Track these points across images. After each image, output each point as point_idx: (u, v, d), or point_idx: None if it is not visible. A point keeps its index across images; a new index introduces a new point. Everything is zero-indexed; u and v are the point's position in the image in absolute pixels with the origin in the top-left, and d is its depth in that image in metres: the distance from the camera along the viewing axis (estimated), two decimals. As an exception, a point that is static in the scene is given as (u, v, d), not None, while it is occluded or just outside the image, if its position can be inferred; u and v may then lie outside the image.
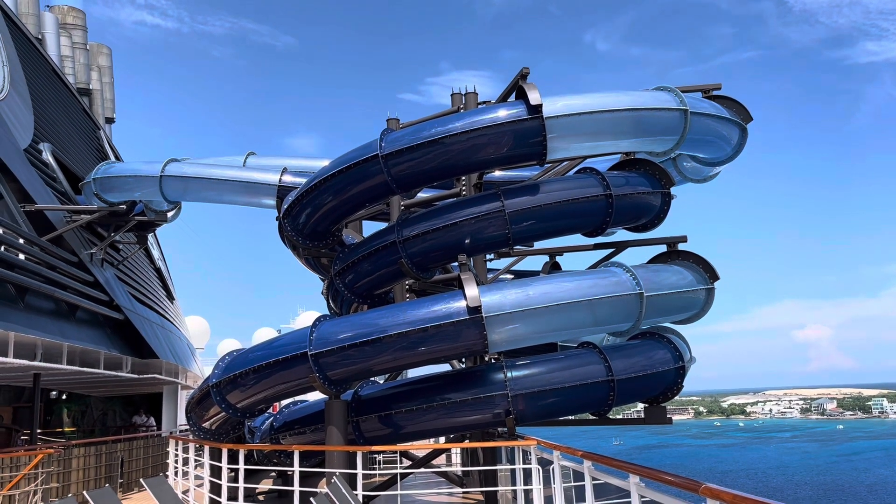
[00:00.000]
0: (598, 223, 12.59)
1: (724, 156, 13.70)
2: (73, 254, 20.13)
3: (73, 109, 29.86)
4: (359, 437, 12.19)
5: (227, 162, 19.34)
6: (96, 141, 32.09)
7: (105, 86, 42.40)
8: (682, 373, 12.52)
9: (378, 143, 11.89)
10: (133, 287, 25.00)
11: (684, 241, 13.50)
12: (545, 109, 11.28)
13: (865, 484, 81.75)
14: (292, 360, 11.56)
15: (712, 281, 13.04)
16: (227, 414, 12.87)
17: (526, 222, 12.13)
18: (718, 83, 13.98)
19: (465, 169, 12.58)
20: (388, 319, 11.45)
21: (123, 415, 32.81)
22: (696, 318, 13.26)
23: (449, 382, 12.41)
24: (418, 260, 12.51)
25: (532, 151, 11.70)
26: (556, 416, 12.59)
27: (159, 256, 35.25)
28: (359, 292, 13.55)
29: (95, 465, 16.29)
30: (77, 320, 19.07)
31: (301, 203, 13.13)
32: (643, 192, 12.86)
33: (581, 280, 11.79)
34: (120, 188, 19.21)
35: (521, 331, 11.32)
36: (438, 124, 11.82)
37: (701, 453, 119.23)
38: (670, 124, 12.11)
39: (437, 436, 15.99)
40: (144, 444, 19.48)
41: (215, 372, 12.83)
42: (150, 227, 23.06)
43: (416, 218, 12.64)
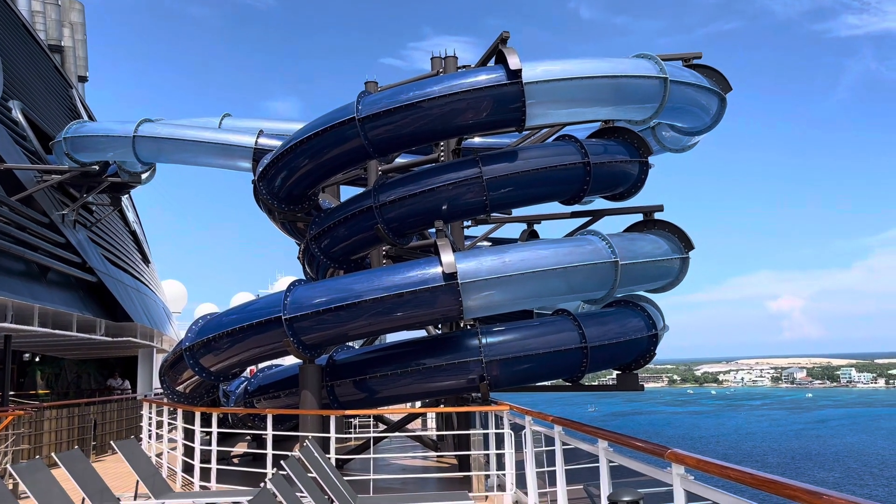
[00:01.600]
0: (575, 191, 12.57)
1: (702, 125, 13.69)
2: (45, 214, 19.78)
3: (45, 67, 29.08)
4: (333, 401, 12.21)
5: (202, 123, 18.99)
6: (68, 100, 31.35)
7: (77, 43, 41.32)
8: (654, 341, 12.65)
9: (355, 105, 11.71)
10: (107, 249, 24.67)
11: (660, 210, 13.55)
12: (525, 75, 11.15)
13: (832, 450, 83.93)
14: (266, 324, 11.50)
15: (687, 250, 13.12)
16: (200, 377, 12.82)
17: (503, 189, 12.06)
18: (699, 52, 13.89)
19: (444, 134, 12.46)
20: (363, 285, 11.40)
21: (98, 378, 32.67)
22: (670, 287, 13.36)
23: (424, 348, 12.43)
24: (395, 226, 12.43)
25: (511, 117, 11.59)
26: (530, 382, 12.70)
27: (134, 219, 34.78)
28: (335, 257, 13.46)
29: (68, 427, 16.21)
30: (48, 282, 18.81)
31: (276, 166, 12.95)
32: (621, 161, 12.84)
33: (557, 248, 11.79)
34: (92, 148, 18.80)
35: (496, 297, 11.33)
36: (416, 88, 11.65)
37: (674, 420, 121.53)
38: (650, 92, 12.04)
39: (412, 401, 16.08)
40: (118, 408, 19.40)
41: (188, 335, 12.74)
42: (123, 189, 22.64)
43: (393, 183, 12.52)
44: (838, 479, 65.07)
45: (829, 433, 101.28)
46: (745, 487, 4.03)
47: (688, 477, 4.65)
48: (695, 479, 4.62)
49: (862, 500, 3.05)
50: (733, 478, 3.96)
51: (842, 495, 3.17)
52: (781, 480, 3.51)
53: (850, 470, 70.26)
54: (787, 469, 69.67)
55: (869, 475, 67.04)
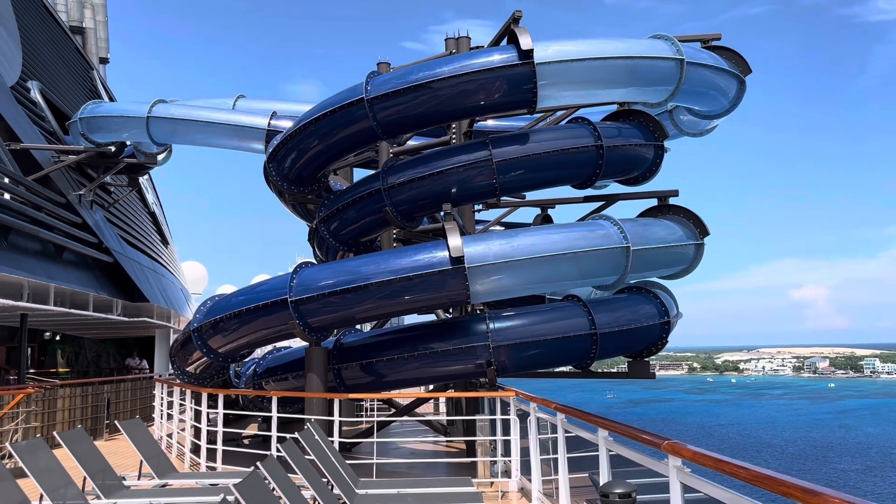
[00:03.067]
0: (587, 175, 12.33)
1: (720, 109, 13.35)
2: (61, 195, 19.88)
3: (65, 48, 29.20)
4: (340, 384, 12.16)
5: (215, 104, 18.93)
6: (89, 81, 31.48)
7: (99, 24, 41.46)
8: (667, 328, 12.42)
9: (364, 86, 11.54)
10: (124, 230, 24.81)
11: (675, 196, 13.27)
12: (536, 55, 10.90)
13: (854, 441, 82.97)
14: (272, 305, 11.44)
15: (702, 237, 12.85)
16: (208, 359, 12.82)
17: (513, 172, 11.87)
18: (718, 33, 13.54)
19: (453, 115, 12.27)
20: (370, 267, 11.28)
21: (117, 357, 33.05)
22: (684, 274, 13.10)
23: (432, 332, 12.32)
24: (404, 208, 12.29)
25: (522, 98, 11.36)
26: (538, 368, 12.56)
27: (154, 200, 34.97)
28: (343, 240, 13.36)
29: (81, 405, 16.35)
30: (64, 262, 18.93)
31: (286, 147, 12.84)
32: (635, 144, 12.57)
33: (567, 232, 11.59)
34: (107, 128, 18.84)
35: (504, 282, 11.16)
36: (426, 68, 11.45)
37: (692, 408, 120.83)
38: (665, 74, 11.73)
39: (419, 385, 16.00)
40: (132, 387, 19.57)
41: (197, 316, 12.74)
42: (140, 170, 22.73)
43: (402, 165, 12.36)
44: (859, 470, 64.34)
45: (852, 423, 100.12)
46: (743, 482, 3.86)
47: (684, 469, 4.49)
48: (692, 472, 4.46)
49: (859, 500, 2.86)
50: (728, 472, 3.79)
51: (839, 494, 2.99)
52: (777, 476, 3.33)
53: (872, 461, 69.42)
54: (807, 459, 69.03)
55: (891, 466, 66.20)
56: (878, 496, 53.02)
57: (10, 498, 6.52)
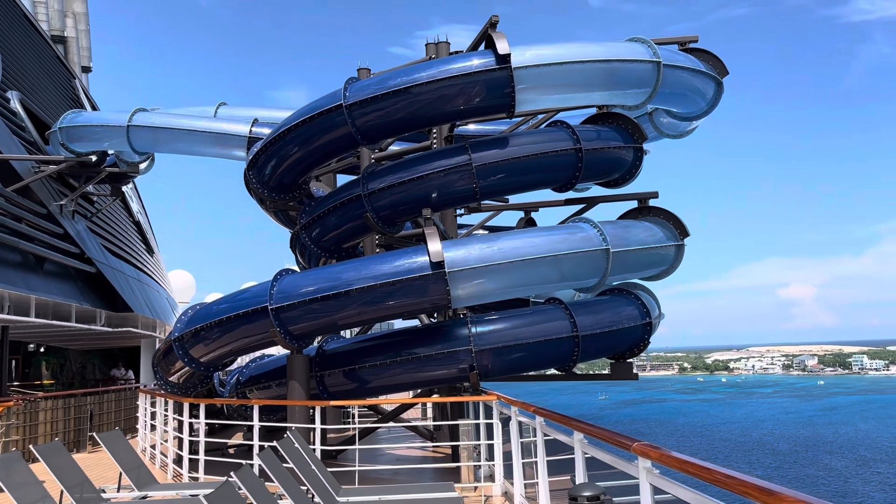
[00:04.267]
0: (567, 178, 12.36)
1: (698, 110, 13.43)
2: (42, 205, 19.76)
3: (47, 57, 29.02)
4: (323, 391, 12.12)
5: (197, 112, 18.88)
6: (71, 91, 31.30)
7: (81, 33, 41.25)
8: (648, 329, 12.46)
9: (342, 92, 11.54)
10: (107, 240, 24.67)
11: (655, 197, 13.32)
12: (514, 59, 10.94)
13: (844, 438, 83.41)
14: (253, 314, 11.39)
15: (682, 237, 12.90)
16: (190, 368, 12.74)
17: (493, 176, 11.88)
18: (695, 36, 13.63)
19: (433, 120, 12.27)
20: (351, 274, 11.26)
21: (103, 368, 32.79)
22: (665, 275, 13.16)
23: (415, 337, 12.30)
24: (385, 214, 12.28)
25: (500, 103, 11.39)
26: (521, 371, 12.56)
27: (139, 209, 34.79)
28: (325, 246, 13.33)
29: (64, 418, 16.21)
30: (46, 273, 18.80)
31: (265, 154, 12.81)
32: (615, 147, 12.61)
33: (547, 235, 11.61)
34: (87, 138, 18.76)
35: (485, 286, 11.17)
36: (404, 74, 11.47)
37: (683, 408, 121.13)
38: (643, 77, 11.79)
39: (403, 391, 15.98)
40: (116, 398, 19.41)
41: (177, 325, 12.66)
42: (123, 179, 22.61)
43: (383, 171, 12.36)
44: (848, 466, 64.68)
45: (841, 420, 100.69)
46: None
47: (654, 471, 4.50)
48: (660, 474, 4.47)
49: (815, 500, 2.88)
50: (692, 473, 3.81)
51: (795, 493, 3.01)
52: (736, 476, 3.35)
53: (862, 457, 69.80)
54: (798, 457, 69.32)
55: (881, 462, 66.59)
56: (867, 493, 53.31)
57: (-17, 513, 6.45)
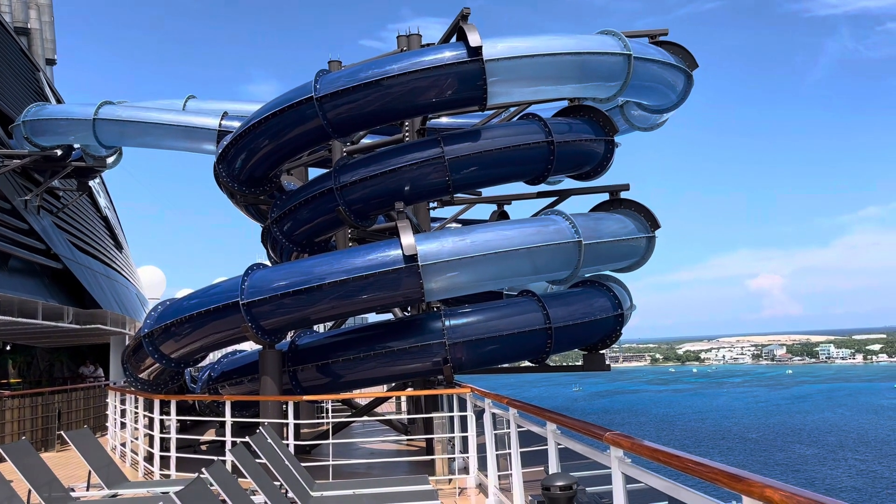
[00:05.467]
0: (539, 170, 12.40)
1: (668, 103, 13.56)
2: (6, 200, 19.31)
3: (9, 50, 28.31)
4: (295, 386, 12.04)
5: (165, 105, 18.57)
6: (35, 83, 30.60)
7: (45, 25, 40.37)
8: (620, 321, 12.57)
9: (313, 84, 11.44)
10: (74, 235, 24.18)
11: (626, 190, 13.44)
12: (485, 52, 10.91)
13: (812, 426, 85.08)
14: (223, 309, 11.26)
15: (653, 229, 13.03)
16: (160, 365, 12.57)
17: (466, 169, 11.87)
18: (665, 29, 13.72)
19: (404, 113, 12.23)
20: (324, 268, 11.18)
21: (71, 366, 32.27)
22: (636, 266, 13.28)
23: (388, 331, 12.26)
24: (357, 207, 12.21)
25: (472, 95, 11.37)
26: (495, 363, 12.60)
27: (107, 204, 34.16)
28: (297, 241, 13.23)
29: (31, 416, 15.92)
30: (10, 269, 18.40)
31: (235, 147, 12.66)
32: (586, 140, 12.68)
33: (520, 228, 11.64)
34: (52, 132, 18.35)
35: (458, 279, 11.16)
36: (375, 66, 11.39)
37: (656, 399, 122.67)
38: (613, 69, 11.86)
39: (377, 384, 15.90)
40: (85, 396, 19.11)
41: (147, 321, 12.48)
42: (89, 174, 22.16)
43: (355, 164, 12.28)
44: (817, 453, 66.01)
45: (809, 409, 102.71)
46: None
47: (625, 460, 4.54)
48: (633, 463, 4.51)
49: (777, 483, 2.92)
50: (663, 461, 3.84)
51: (765, 480, 3.04)
52: (704, 463, 3.39)
53: (829, 445, 71.27)
54: (767, 445, 70.55)
55: (848, 450, 68.04)
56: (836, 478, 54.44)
57: (-53, 514, 6.31)
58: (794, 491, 2.74)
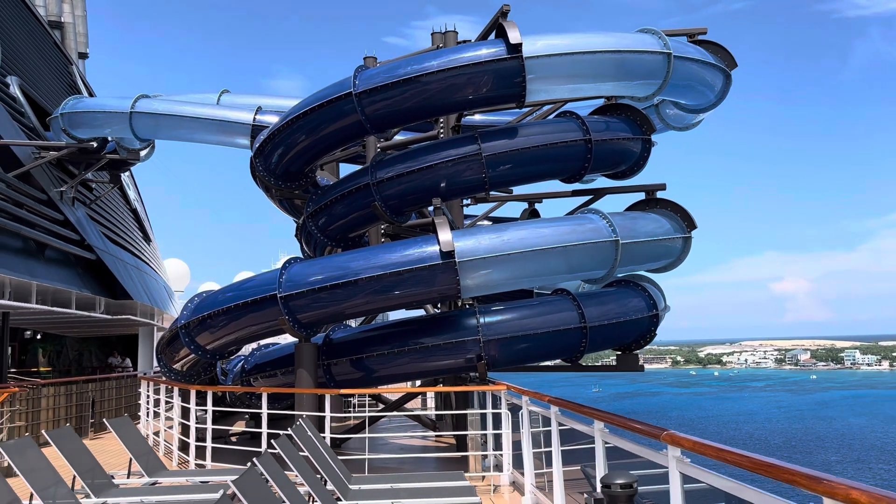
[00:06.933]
0: (576, 169, 12.34)
1: (706, 102, 13.42)
2: (43, 191, 19.64)
3: (44, 43, 28.79)
4: (329, 380, 12.11)
5: (199, 99, 18.75)
6: (68, 76, 31.07)
7: (78, 19, 40.88)
8: (655, 321, 12.48)
9: (352, 80, 11.47)
10: (106, 227, 24.54)
11: (663, 189, 13.32)
12: (525, 49, 10.89)
13: (836, 433, 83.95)
14: (261, 301, 11.36)
15: (689, 230, 12.91)
16: (196, 356, 12.71)
17: (503, 166, 11.85)
18: (704, 28, 13.59)
19: (442, 109, 12.22)
20: (360, 263, 11.23)
21: (99, 356, 32.71)
22: (672, 267, 13.17)
23: (421, 327, 12.29)
24: (393, 203, 12.23)
25: (511, 93, 11.35)
26: (528, 361, 12.57)
27: (136, 197, 34.61)
28: (332, 235, 13.29)
29: (66, 405, 16.16)
30: (47, 259, 18.70)
31: (273, 142, 12.75)
32: (623, 138, 12.60)
33: (557, 226, 11.60)
34: (89, 124, 18.61)
35: (494, 276, 11.16)
36: (414, 62, 11.40)
37: (677, 401, 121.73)
38: (653, 68, 11.77)
39: (409, 380, 16.00)
40: (117, 385, 19.36)
41: (184, 313, 12.63)
42: (123, 166, 22.47)
43: (391, 160, 12.31)
44: (841, 460, 65.14)
45: (833, 415, 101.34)
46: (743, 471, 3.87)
47: (684, 460, 4.50)
48: (691, 462, 4.47)
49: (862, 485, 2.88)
50: (730, 461, 3.80)
51: (842, 480, 3.00)
52: (780, 464, 3.35)
53: (853, 452, 70.31)
54: (790, 451, 69.75)
55: (872, 458, 67.09)
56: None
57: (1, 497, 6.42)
58: (882, 493, 2.70)
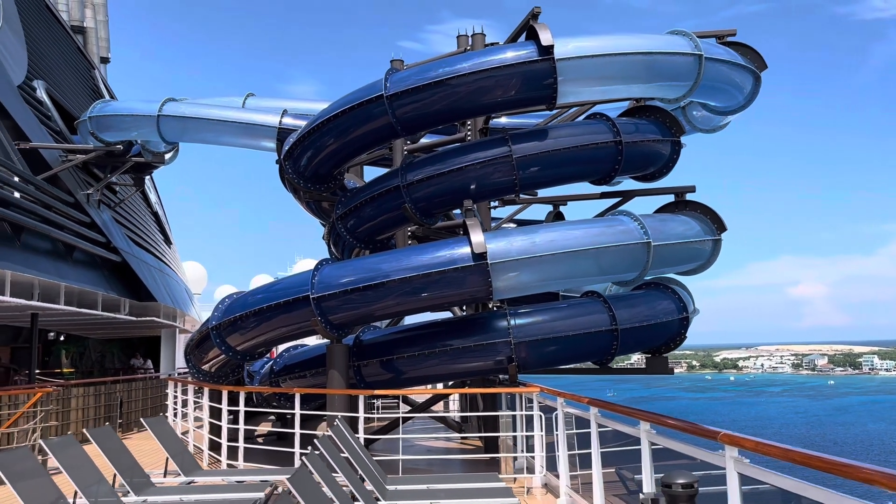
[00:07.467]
0: (606, 171, 12.33)
1: (736, 104, 13.35)
2: (70, 194, 19.83)
3: (67, 48, 29.14)
4: (360, 381, 12.14)
5: (225, 103, 18.89)
6: (91, 80, 31.41)
7: (99, 24, 41.36)
8: (685, 323, 12.43)
9: (383, 83, 11.52)
10: (130, 230, 24.76)
11: (692, 192, 13.29)
12: (557, 51, 10.88)
13: (855, 438, 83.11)
14: (294, 303, 11.41)
15: (719, 232, 12.85)
16: (226, 356, 12.79)
17: (533, 168, 11.86)
18: (733, 29, 13.53)
19: (473, 112, 12.26)
20: (390, 264, 11.27)
21: (122, 357, 32.95)
22: (701, 270, 13.11)
23: (451, 329, 12.31)
24: (422, 205, 12.26)
25: (542, 95, 11.34)
26: (559, 364, 12.55)
27: (156, 200, 34.90)
28: (360, 237, 13.34)
29: (94, 405, 16.32)
30: (74, 261, 18.89)
31: (303, 144, 12.82)
32: (653, 140, 12.58)
33: (588, 228, 11.58)
34: (116, 127, 18.78)
35: (526, 278, 11.15)
36: (446, 65, 11.43)
37: (693, 406, 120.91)
38: (684, 69, 11.74)
39: (438, 381, 15.99)
40: (143, 386, 19.51)
41: (215, 314, 12.71)
42: (147, 169, 22.66)
43: (421, 162, 12.35)
44: (860, 466, 64.42)
45: (852, 421, 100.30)
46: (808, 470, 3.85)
47: (743, 460, 4.48)
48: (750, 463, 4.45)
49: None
50: (798, 461, 3.78)
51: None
52: (858, 464, 3.33)
53: (872, 458, 69.52)
54: (807, 456, 68.96)
55: (892, 463, 66.32)
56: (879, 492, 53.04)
57: (47, 495, 6.48)
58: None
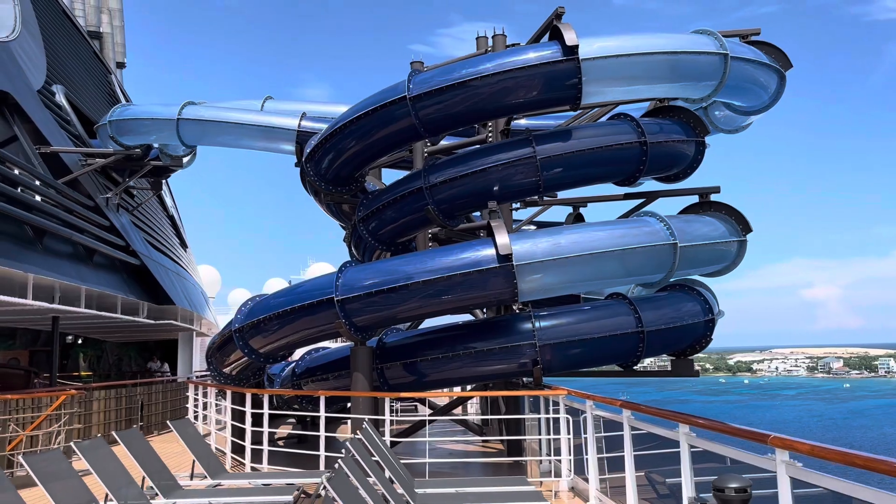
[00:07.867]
0: (631, 171, 12.22)
1: (760, 104, 13.21)
2: (90, 198, 19.92)
3: (85, 52, 29.32)
4: (383, 383, 12.09)
5: (244, 106, 18.92)
6: (108, 85, 31.61)
7: (116, 29, 41.63)
8: (711, 326, 12.30)
9: (406, 84, 11.47)
10: (148, 233, 24.86)
11: (717, 192, 13.15)
12: (581, 51, 10.79)
13: (871, 442, 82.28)
14: (318, 305, 11.37)
15: (745, 233, 12.71)
16: (249, 359, 12.77)
17: (557, 169, 11.77)
18: (757, 28, 13.42)
19: (496, 113, 12.19)
20: (414, 266, 11.21)
21: (139, 360, 33.09)
22: (726, 271, 12.97)
23: (475, 331, 12.23)
24: (445, 207, 12.21)
25: (566, 95, 11.26)
26: (584, 366, 12.45)
27: (172, 204, 35.06)
28: (382, 239, 13.30)
29: (116, 407, 16.36)
30: (94, 264, 18.96)
31: (324, 147, 12.79)
32: (677, 141, 12.46)
33: (613, 229, 11.48)
34: (136, 131, 18.86)
35: (551, 280, 11.06)
36: (468, 66, 11.37)
37: (707, 410, 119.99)
38: (710, 69, 11.63)
39: (462, 384, 15.89)
40: (163, 389, 19.55)
41: (238, 317, 12.70)
42: (164, 173, 22.72)
43: (443, 164, 12.29)
44: (878, 470, 63.76)
45: (868, 424, 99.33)
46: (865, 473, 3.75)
47: (795, 464, 4.38)
48: (803, 466, 4.35)
49: None
50: (859, 465, 3.68)
51: None
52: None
53: (890, 462, 68.74)
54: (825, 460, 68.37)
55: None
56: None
57: (78, 497, 6.47)
58: None
